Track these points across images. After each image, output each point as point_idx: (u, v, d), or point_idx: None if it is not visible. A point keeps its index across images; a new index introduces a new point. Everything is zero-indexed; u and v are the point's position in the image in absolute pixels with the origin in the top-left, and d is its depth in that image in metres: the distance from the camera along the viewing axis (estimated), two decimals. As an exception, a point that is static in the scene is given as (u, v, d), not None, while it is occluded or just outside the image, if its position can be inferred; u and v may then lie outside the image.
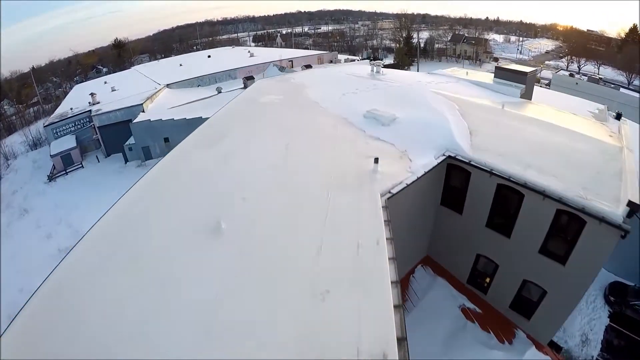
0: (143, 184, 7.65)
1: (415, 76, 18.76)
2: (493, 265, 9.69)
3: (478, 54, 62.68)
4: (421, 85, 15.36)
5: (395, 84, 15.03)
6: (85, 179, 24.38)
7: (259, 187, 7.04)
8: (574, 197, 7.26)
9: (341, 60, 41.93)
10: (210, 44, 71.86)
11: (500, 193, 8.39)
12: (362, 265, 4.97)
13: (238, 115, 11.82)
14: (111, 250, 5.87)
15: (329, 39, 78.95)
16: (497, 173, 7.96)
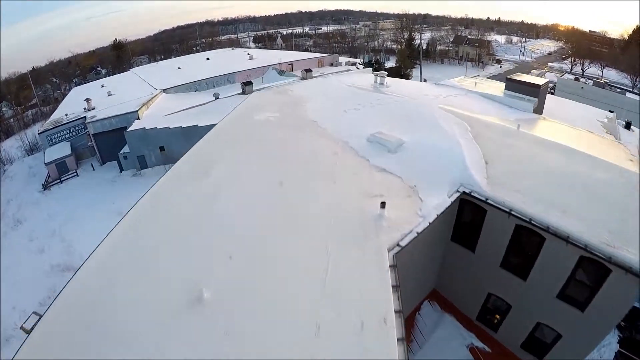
0: (113, 240, 6.63)
1: (422, 88, 17.76)
2: (505, 305, 8.87)
3: (481, 56, 61.29)
4: (428, 99, 14.40)
5: (401, 99, 14.08)
6: (79, 188, 23.55)
7: (248, 240, 6.14)
8: (600, 244, 6.44)
9: (342, 63, 40.83)
10: (210, 45, 70.54)
11: (518, 234, 7.52)
12: (366, 351, 4.12)
13: (230, 139, 10.86)
14: (69, 334, 4.77)
15: (330, 39, 77.40)
16: (516, 214, 7.10)
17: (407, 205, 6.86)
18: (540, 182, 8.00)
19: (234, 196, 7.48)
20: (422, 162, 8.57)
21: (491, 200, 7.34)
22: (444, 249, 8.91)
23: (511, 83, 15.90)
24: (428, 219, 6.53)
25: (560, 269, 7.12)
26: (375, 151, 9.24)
